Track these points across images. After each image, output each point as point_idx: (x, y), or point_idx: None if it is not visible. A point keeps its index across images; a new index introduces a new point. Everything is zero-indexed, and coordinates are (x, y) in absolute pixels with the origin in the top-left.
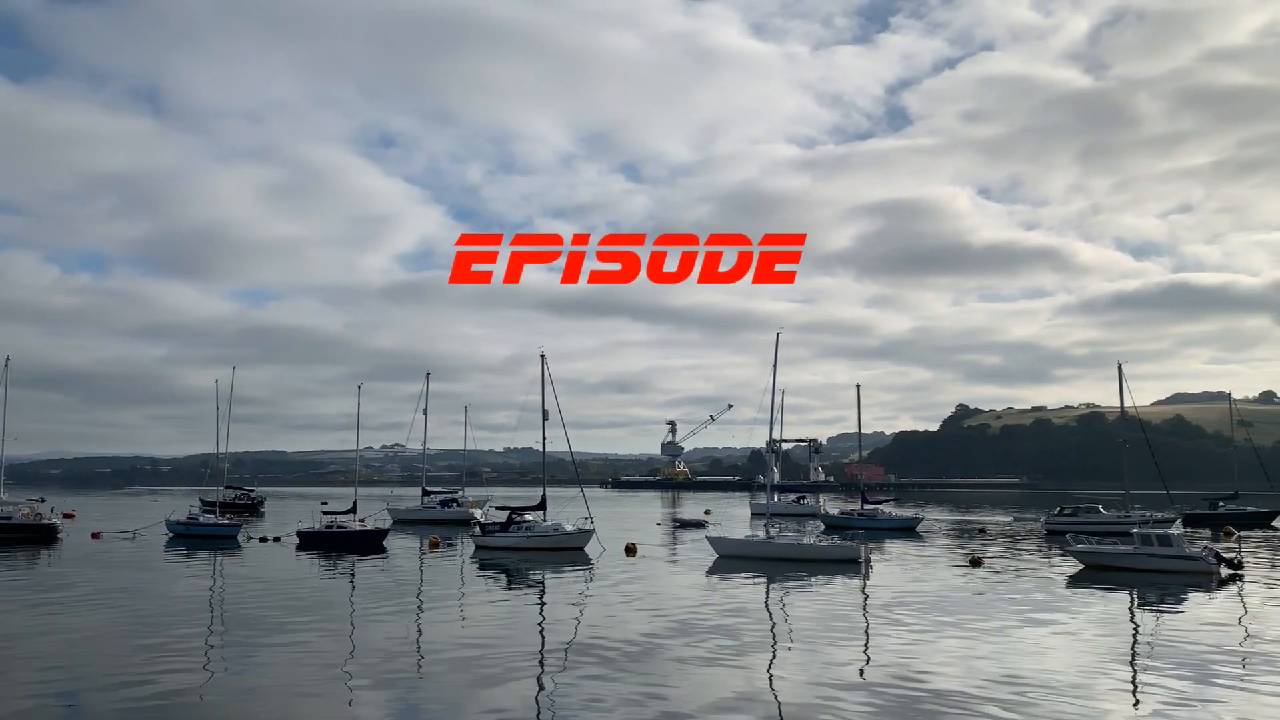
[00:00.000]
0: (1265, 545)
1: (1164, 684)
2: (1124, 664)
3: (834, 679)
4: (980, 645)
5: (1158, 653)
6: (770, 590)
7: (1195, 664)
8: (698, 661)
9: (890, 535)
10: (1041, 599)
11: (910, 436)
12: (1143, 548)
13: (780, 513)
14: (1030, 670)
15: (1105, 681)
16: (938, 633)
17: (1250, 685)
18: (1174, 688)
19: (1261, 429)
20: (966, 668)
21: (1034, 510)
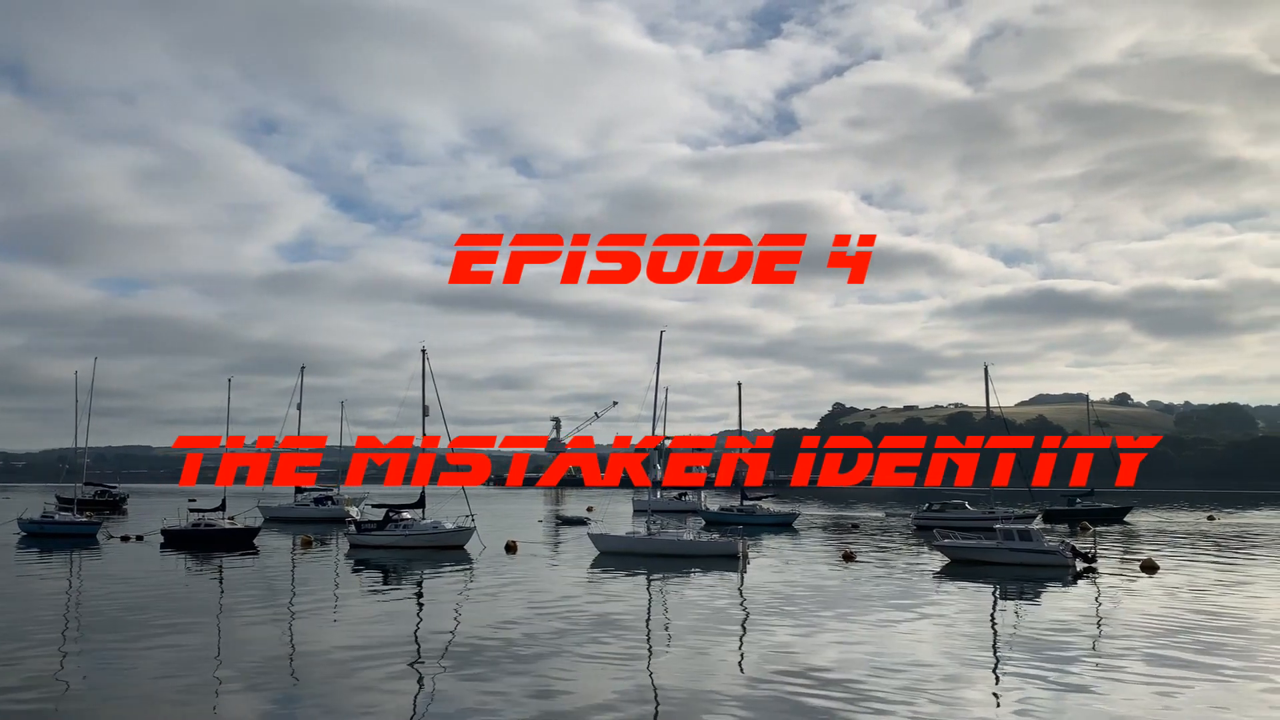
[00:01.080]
0: (1117, 540)
1: (1024, 671)
2: (987, 653)
3: (713, 673)
4: (852, 637)
5: (1018, 641)
6: (650, 586)
7: (1052, 651)
8: (578, 659)
9: (768, 531)
10: (910, 592)
11: (790, 434)
12: (1004, 543)
13: (662, 509)
14: (900, 660)
15: (970, 670)
16: (812, 626)
17: (1103, 671)
18: (1033, 674)
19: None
20: (840, 659)
21: (905, 506)
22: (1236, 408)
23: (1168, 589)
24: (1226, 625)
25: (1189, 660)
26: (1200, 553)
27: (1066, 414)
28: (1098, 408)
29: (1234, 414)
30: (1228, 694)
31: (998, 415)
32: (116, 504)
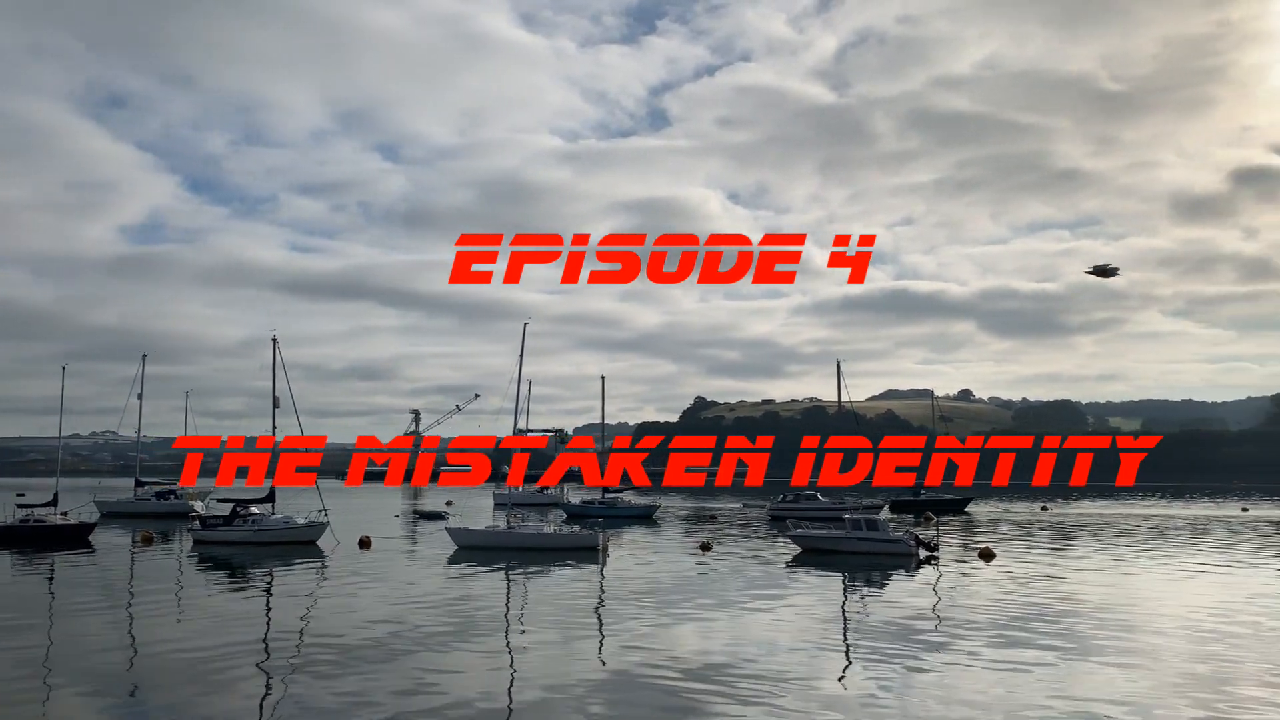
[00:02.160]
0: (958, 529)
1: (872, 655)
2: (838, 638)
3: (573, 665)
4: (710, 626)
5: (866, 627)
6: (509, 580)
7: (898, 636)
8: (435, 655)
9: (629, 523)
10: (764, 581)
11: (652, 427)
12: (853, 532)
13: (523, 503)
14: (756, 647)
15: (823, 655)
16: (671, 615)
17: (945, 654)
18: (881, 658)
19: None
20: (699, 647)
21: (762, 498)
22: (1069, 404)
23: (1004, 575)
24: (1059, 609)
25: (1025, 642)
26: (1034, 541)
27: (913, 409)
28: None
29: (1066, 410)
30: (1062, 674)
31: (849, 409)
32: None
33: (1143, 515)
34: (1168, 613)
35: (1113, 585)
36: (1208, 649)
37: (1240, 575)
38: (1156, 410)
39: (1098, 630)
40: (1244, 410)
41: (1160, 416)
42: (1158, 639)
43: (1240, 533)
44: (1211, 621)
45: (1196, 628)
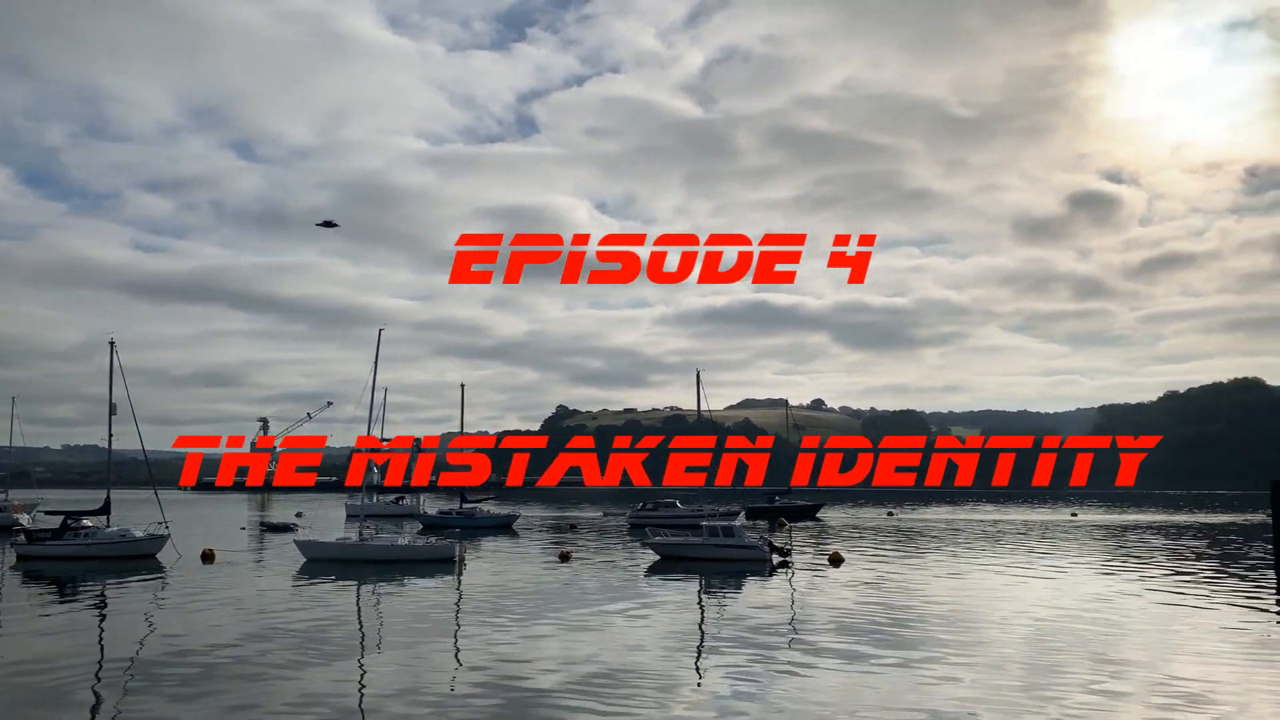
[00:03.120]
0: (810, 534)
1: (728, 660)
2: (694, 645)
3: (428, 679)
4: (569, 636)
5: (722, 633)
6: (361, 593)
7: (753, 640)
8: (282, 672)
9: (488, 533)
10: (623, 589)
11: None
12: (710, 539)
13: (377, 514)
14: (614, 655)
15: (680, 661)
16: (529, 627)
17: (797, 656)
18: (736, 664)
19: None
20: (558, 658)
21: (623, 506)
22: (914, 414)
23: (853, 580)
24: (905, 612)
25: (874, 645)
26: (881, 546)
27: (769, 417)
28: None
29: (912, 420)
30: (909, 675)
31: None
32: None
33: (981, 519)
34: (1006, 614)
35: (955, 588)
36: (1043, 648)
37: (1071, 577)
38: (995, 420)
39: (942, 632)
40: (1075, 420)
41: (998, 426)
42: (997, 639)
43: (1071, 537)
44: (1046, 621)
45: (1032, 628)
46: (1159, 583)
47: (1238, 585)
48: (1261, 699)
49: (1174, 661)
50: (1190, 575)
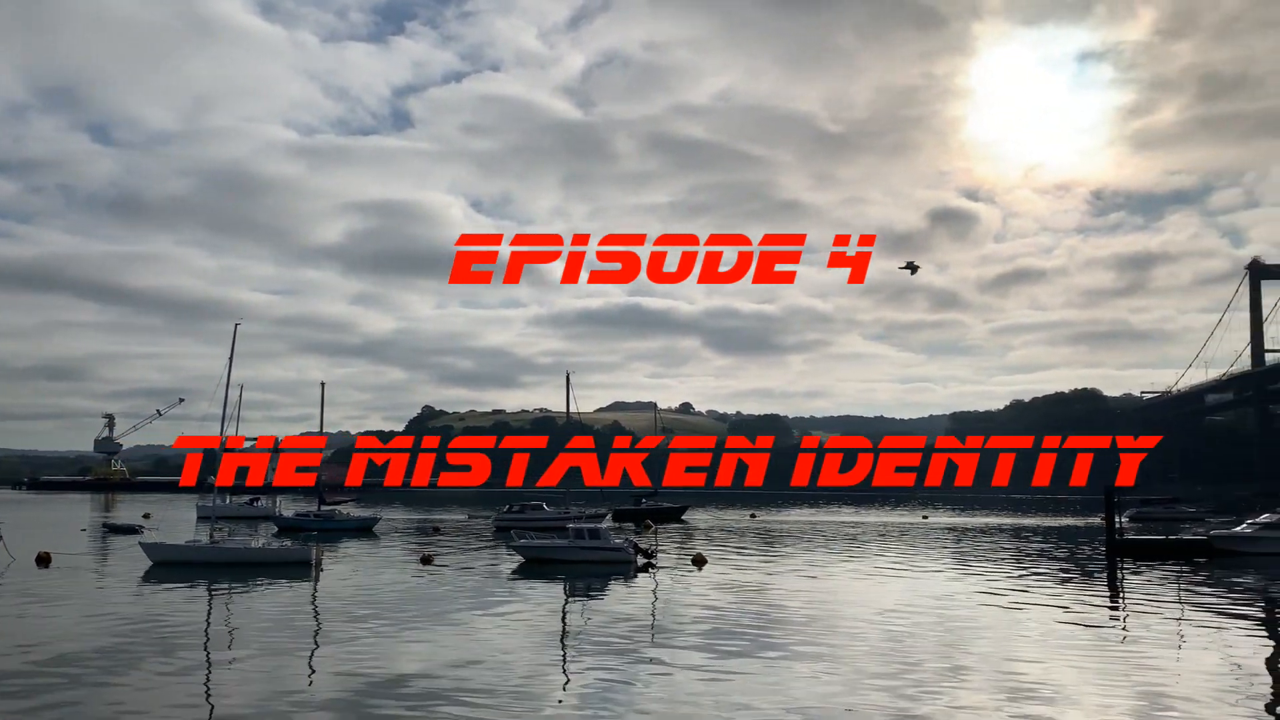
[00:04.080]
0: (675, 536)
1: (593, 662)
2: (560, 647)
3: (283, 687)
4: (432, 641)
5: (587, 634)
6: (211, 598)
7: (618, 642)
8: (126, 681)
9: (347, 536)
10: (488, 593)
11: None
12: (575, 541)
13: (230, 515)
14: (477, 659)
15: (545, 665)
16: (389, 632)
17: (662, 658)
18: (600, 664)
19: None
20: (420, 663)
21: (489, 508)
22: (777, 418)
23: (716, 581)
24: (766, 612)
25: (736, 645)
26: (744, 548)
27: (638, 420)
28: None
29: (775, 424)
30: (771, 674)
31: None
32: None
33: (839, 522)
34: (862, 613)
35: (814, 588)
36: (896, 646)
37: (922, 577)
38: (853, 425)
39: (801, 631)
40: (927, 426)
41: (857, 430)
42: (854, 638)
43: (922, 538)
44: (899, 620)
45: (886, 626)
46: (1003, 582)
47: (1075, 585)
48: (1092, 692)
49: (1017, 658)
50: (1032, 575)
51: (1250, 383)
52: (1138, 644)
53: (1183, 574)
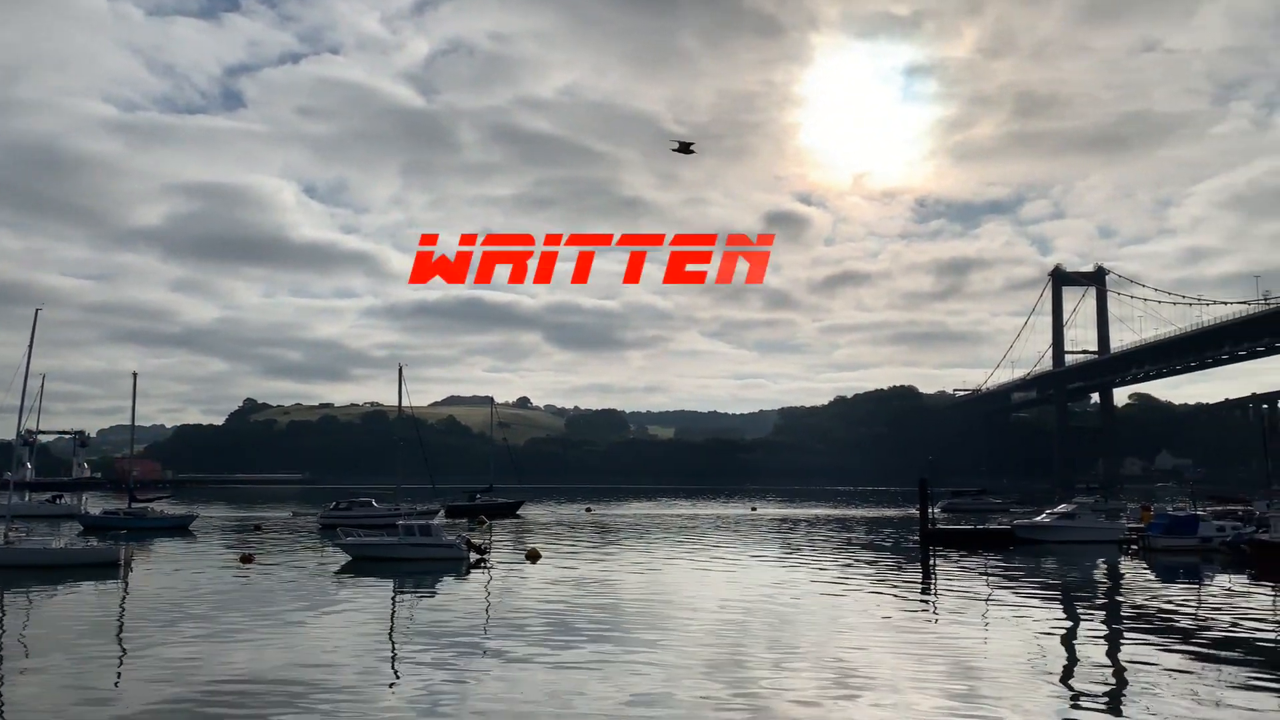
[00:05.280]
0: (510, 532)
1: (425, 661)
2: (391, 646)
3: (92, 694)
4: (253, 642)
5: (417, 632)
6: (5, 603)
7: (450, 639)
8: None
9: (160, 535)
10: (313, 592)
11: (193, 430)
12: (406, 538)
13: (30, 514)
14: (303, 661)
15: (375, 664)
16: (206, 634)
17: (496, 653)
18: (433, 664)
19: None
20: (239, 666)
21: (315, 505)
22: (615, 413)
23: (551, 575)
24: (602, 605)
25: (571, 639)
26: (579, 542)
27: (474, 415)
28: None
29: (613, 419)
30: (608, 666)
31: (409, 414)
32: None
33: (674, 515)
34: (694, 604)
35: (649, 581)
36: (727, 635)
37: (752, 568)
38: (688, 420)
39: (636, 623)
40: (758, 422)
41: (691, 425)
42: (687, 628)
43: (751, 530)
44: (731, 610)
45: (717, 616)
46: (827, 572)
47: (892, 573)
48: (908, 675)
49: (840, 644)
50: (853, 564)
51: (1051, 382)
52: (949, 628)
53: (989, 561)
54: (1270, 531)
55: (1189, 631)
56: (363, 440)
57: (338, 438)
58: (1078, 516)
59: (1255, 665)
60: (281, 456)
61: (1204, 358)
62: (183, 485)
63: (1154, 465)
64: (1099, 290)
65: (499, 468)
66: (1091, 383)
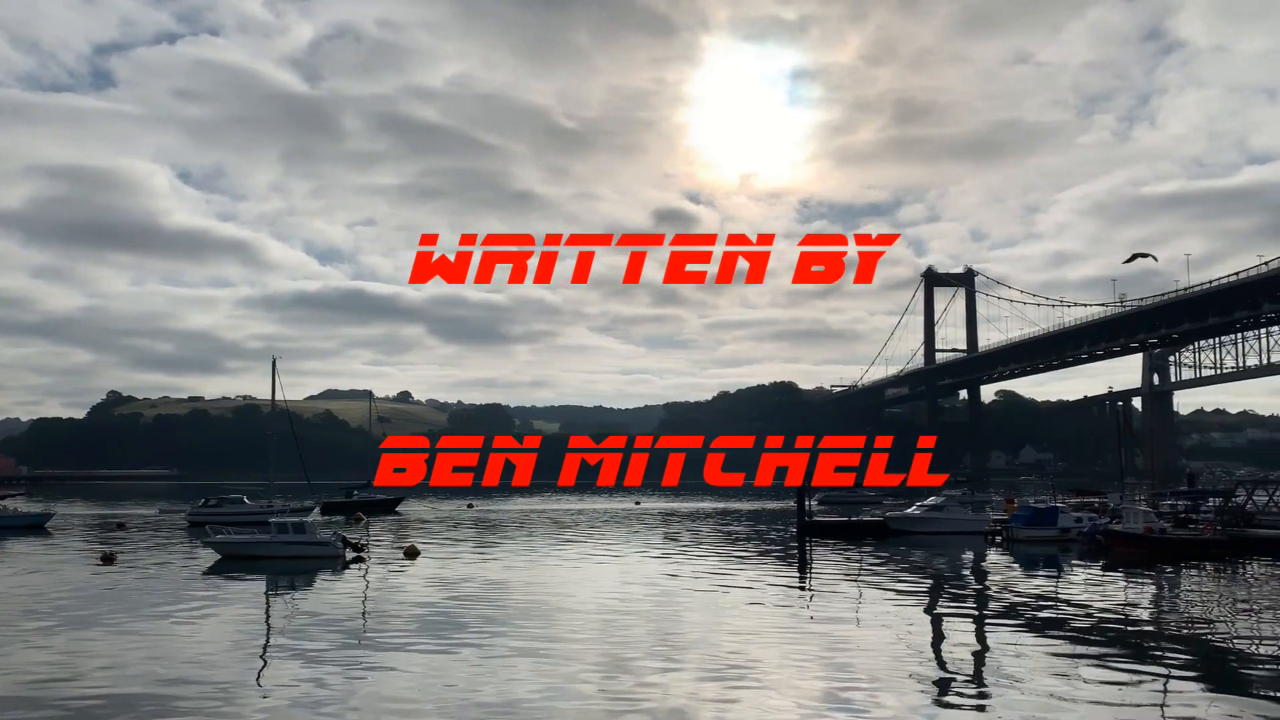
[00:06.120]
0: (389, 528)
1: (300, 660)
2: (263, 646)
3: None
4: (116, 645)
5: (292, 632)
6: None
7: (325, 638)
8: None
9: (13, 534)
10: (180, 592)
11: (51, 424)
12: (279, 536)
13: None
14: (171, 664)
15: (247, 665)
16: (65, 636)
17: (369, 652)
18: (305, 662)
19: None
20: (103, 670)
21: (184, 502)
22: (499, 408)
23: (429, 572)
24: (482, 601)
25: (450, 636)
26: (459, 538)
27: (353, 409)
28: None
29: (497, 413)
30: (487, 663)
31: (283, 408)
32: None
33: (558, 510)
34: (576, 599)
35: (529, 575)
36: (610, 629)
37: (635, 562)
38: (574, 414)
39: (516, 617)
40: (644, 417)
41: (577, 420)
42: (569, 624)
43: (636, 524)
44: (614, 605)
45: (601, 611)
46: (708, 564)
47: (771, 564)
48: (787, 664)
49: (718, 636)
50: (734, 557)
51: (922, 379)
52: (824, 618)
53: (863, 552)
54: (1123, 522)
55: (1048, 618)
56: (235, 435)
57: (209, 432)
58: (946, 509)
59: (1109, 647)
60: (149, 451)
61: (1065, 357)
62: (39, 481)
63: (1018, 459)
64: (969, 291)
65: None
66: (960, 380)
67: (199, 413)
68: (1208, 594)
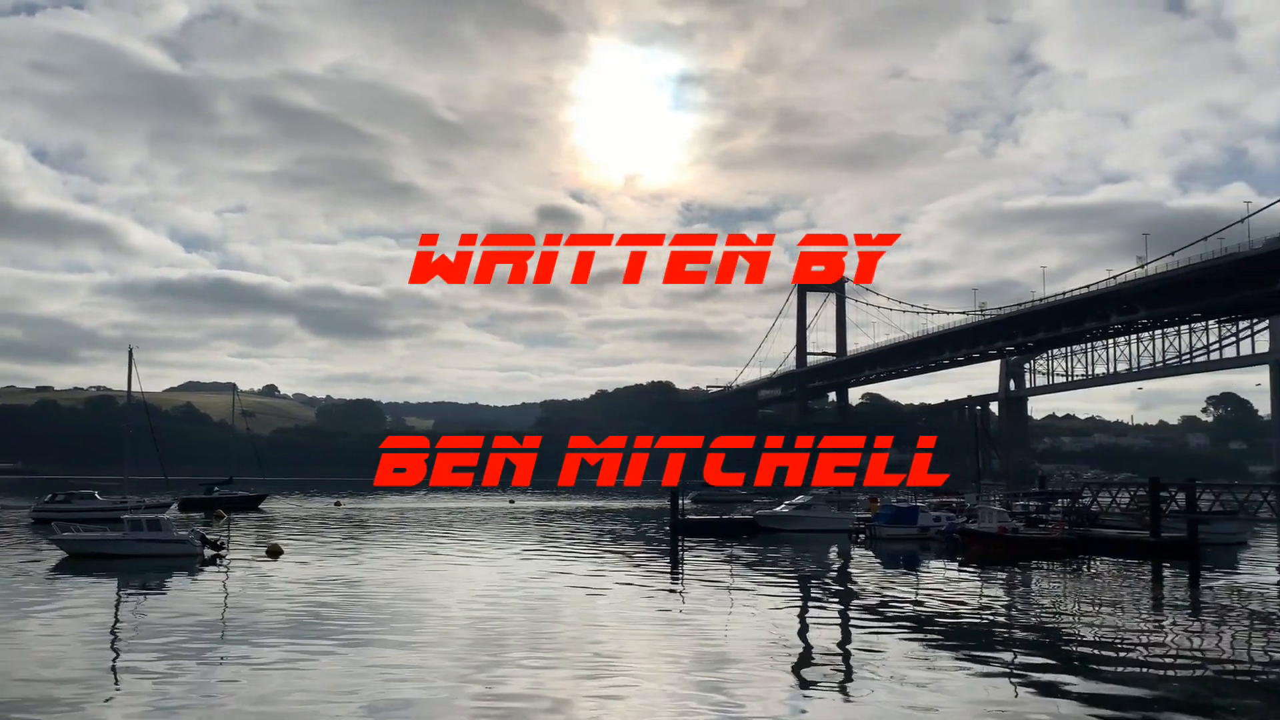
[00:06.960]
0: (251, 526)
1: (149, 662)
2: (110, 648)
3: None
4: None
5: (145, 633)
6: None
7: (180, 639)
8: None
9: None
10: (20, 592)
11: None
12: (132, 533)
13: None
14: (13, 669)
15: (96, 668)
16: None
17: (227, 654)
18: (158, 664)
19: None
20: None
21: (28, 498)
22: (370, 403)
23: (293, 571)
24: (347, 600)
25: (314, 635)
26: (326, 536)
27: (215, 403)
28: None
29: (368, 409)
30: (351, 663)
31: (140, 400)
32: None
33: (431, 508)
34: (446, 598)
35: (399, 575)
36: (482, 628)
37: (508, 561)
38: (449, 411)
39: (385, 618)
40: (521, 414)
41: (451, 417)
42: (439, 624)
43: (510, 522)
44: (486, 604)
45: (472, 610)
46: (582, 562)
47: (644, 562)
48: (660, 660)
49: (591, 635)
50: (608, 555)
51: (794, 381)
52: (695, 615)
53: (734, 550)
54: (979, 522)
55: (907, 613)
56: (88, 428)
57: (58, 424)
58: (813, 507)
59: (964, 639)
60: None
61: (928, 362)
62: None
63: None
64: (839, 297)
65: (241, 459)
66: (830, 382)
67: (47, 403)
68: (1056, 589)
